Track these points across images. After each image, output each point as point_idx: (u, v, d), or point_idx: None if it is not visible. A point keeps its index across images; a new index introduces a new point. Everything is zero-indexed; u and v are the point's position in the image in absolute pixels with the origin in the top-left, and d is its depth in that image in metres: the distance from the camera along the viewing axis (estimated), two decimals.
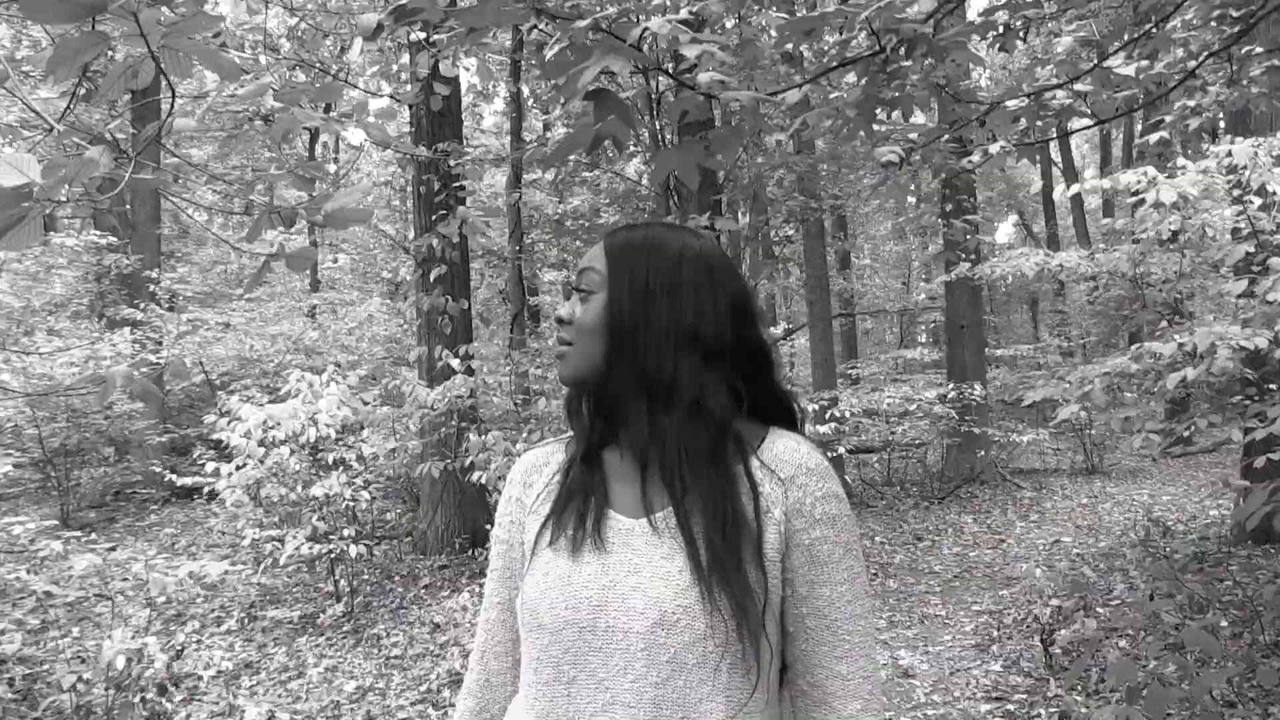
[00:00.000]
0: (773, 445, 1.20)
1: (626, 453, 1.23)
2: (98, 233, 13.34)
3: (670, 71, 1.79)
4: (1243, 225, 5.87)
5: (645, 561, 1.13)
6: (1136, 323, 10.06)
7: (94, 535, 8.11)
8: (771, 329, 20.84)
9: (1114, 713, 2.39)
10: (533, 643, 1.18)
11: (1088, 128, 3.16)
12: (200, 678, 5.20)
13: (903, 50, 1.97)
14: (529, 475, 1.30)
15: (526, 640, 1.20)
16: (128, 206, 14.21)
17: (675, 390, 1.16)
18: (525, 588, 1.20)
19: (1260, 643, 4.53)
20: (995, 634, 5.77)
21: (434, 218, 5.89)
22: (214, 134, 19.21)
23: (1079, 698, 4.47)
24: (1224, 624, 5.07)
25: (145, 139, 1.42)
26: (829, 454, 11.16)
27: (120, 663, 3.96)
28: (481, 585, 7.36)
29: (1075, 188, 6.34)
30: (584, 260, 1.25)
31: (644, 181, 12.16)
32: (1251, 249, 5.49)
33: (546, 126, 14.29)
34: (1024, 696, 4.63)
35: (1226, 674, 2.49)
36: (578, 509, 1.20)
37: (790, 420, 1.27)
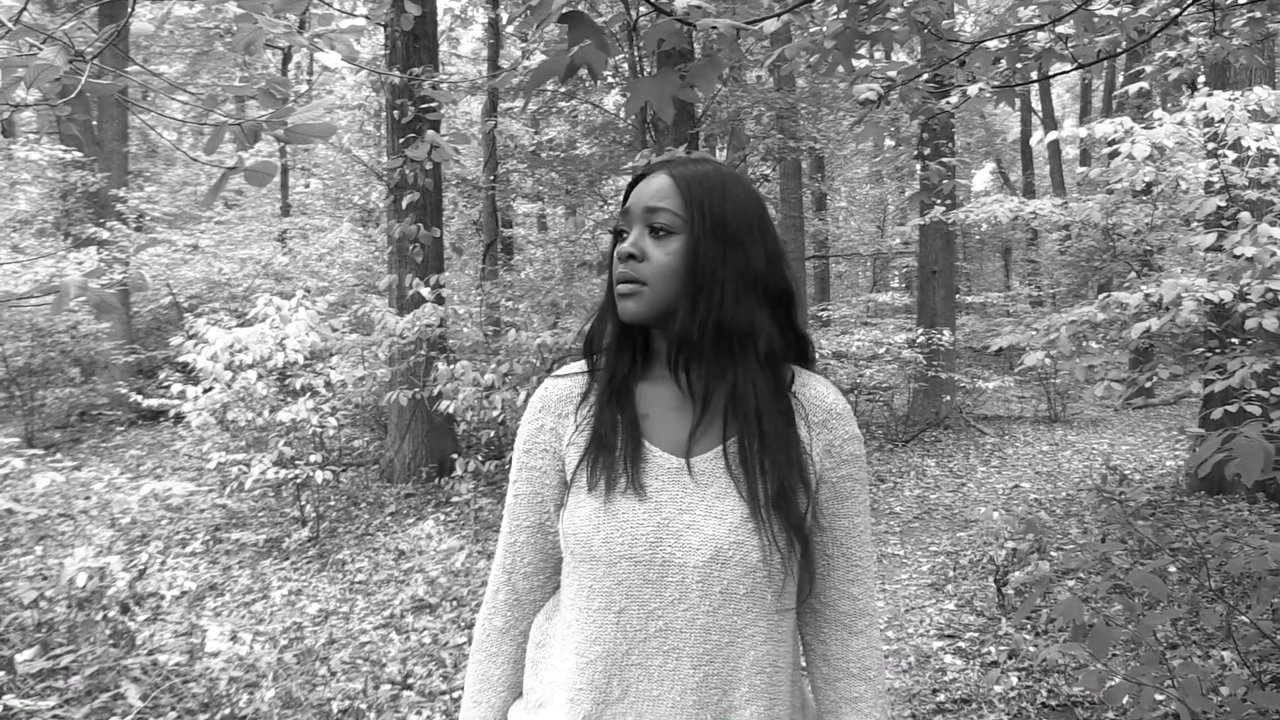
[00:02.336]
0: (805, 388, 1.26)
1: (683, 392, 1.24)
2: (63, 148, 13.04)
3: None
4: (1216, 179, 5.89)
5: (697, 500, 1.19)
6: (1106, 274, 10.15)
7: (59, 455, 8.06)
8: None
9: (1060, 650, 2.45)
10: (585, 573, 1.22)
11: (1067, 71, 3.15)
12: (163, 598, 5.21)
13: None
14: (562, 405, 1.30)
15: (577, 570, 1.23)
16: (94, 122, 13.87)
17: (752, 336, 1.20)
18: (573, 520, 1.23)
19: (1206, 588, 4.66)
20: (951, 574, 5.89)
21: (401, 141, 5.81)
22: (183, 50, 18.75)
23: (1028, 636, 4.59)
24: (1172, 569, 5.20)
25: (104, 40, 1.38)
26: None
27: (81, 580, 3.96)
28: (446, 514, 7.42)
29: (1051, 135, 6.32)
30: (651, 196, 1.22)
31: (622, 114, 12.02)
32: (1223, 203, 5.51)
33: (525, 55, 14.04)
34: (975, 635, 4.74)
35: (1170, 615, 2.56)
36: (623, 446, 1.22)
37: (805, 359, 1.31)
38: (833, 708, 1.28)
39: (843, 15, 2.13)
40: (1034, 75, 3.50)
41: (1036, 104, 23.73)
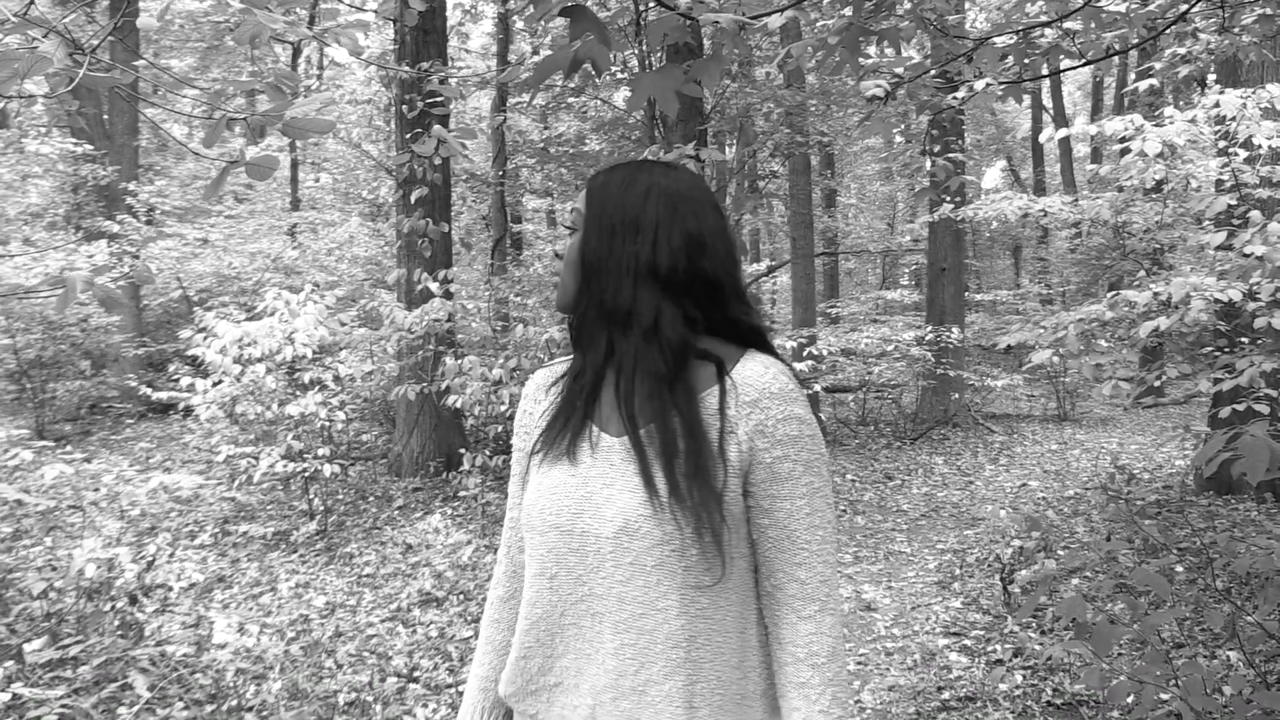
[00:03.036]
0: (744, 368, 1.29)
1: (612, 378, 1.33)
2: (74, 141, 13.09)
3: None
4: (1227, 177, 5.86)
5: (619, 475, 1.25)
6: (1116, 272, 10.10)
7: (69, 447, 8.10)
8: (754, 264, 20.82)
9: (1065, 648, 2.45)
10: (529, 542, 1.33)
11: (1076, 67, 3.13)
12: (171, 589, 5.24)
13: None
14: (538, 392, 1.44)
15: (528, 540, 1.34)
16: (105, 116, 13.92)
17: (632, 318, 1.27)
18: (526, 495, 1.35)
19: (1212, 588, 4.64)
20: (957, 572, 5.88)
21: (407, 136, 5.82)
22: (193, 45, 18.80)
23: (1034, 634, 4.58)
24: (1179, 569, 5.18)
25: (105, 32, 1.39)
26: (805, 391, 11.26)
27: (90, 570, 3.98)
28: (454, 509, 7.44)
29: (1062, 132, 6.30)
30: (574, 201, 1.38)
31: (630, 110, 12.00)
32: (1234, 201, 5.48)
33: (534, 50, 14.03)
34: (981, 633, 4.74)
35: (1174, 614, 2.55)
36: (564, 424, 1.33)
37: (763, 343, 1.35)
38: (783, 691, 1.28)
39: (847, 12, 2.12)
40: (1042, 71, 3.49)
41: (1047, 101, 23.63)
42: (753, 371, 1.28)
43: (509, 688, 1.36)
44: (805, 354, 10.29)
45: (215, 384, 6.99)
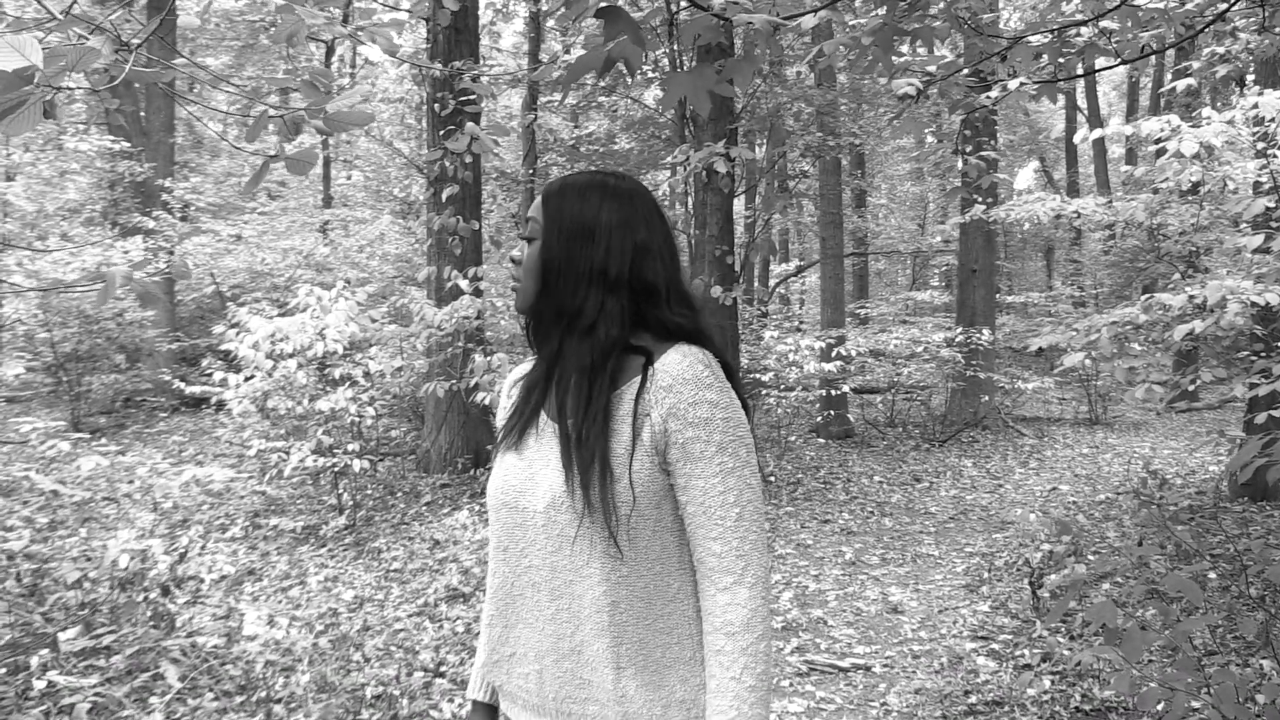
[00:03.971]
0: (665, 358, 1.38)
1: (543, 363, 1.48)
2: (111, 138, 13.26)
3: None
4: (1265, 179, 5.78)
5: (552, 454, 1.40)
6: (1151, 274, 9.99)
7: (104, 440, 8.22)
8: (783, 264, 20.68)
9: (1094, 654, 2.43)
10: (490, 520, 1.48)
11: (1112, 66, 3.10)
12: (203, 581, 5.30)
13: None
14: (511, 388, 1.58)
15: (489, 519, 1.49)
16: (142, 113, 14.10)
17: (579, 317, 1.40)
18: (489, 478, 1.51)
19: (1246, 595, 4.58)
20: (986, 575, 5.84)
21: (440, 133, 5.85)
22: (229, 43, 18.99)
23: (1062, 639, 4.54)
24: (1212, 575, 5.12)
25: (148, 31, 1.41)
26: (834, 391, 11.23)
27: (124, 561, 4.04)
28: (481, 505, 7.47)
29: (1097, 133, 6.23)
30: (530, 210, 1.47)
31: (661, 109, 11.99)
32: (1272, 204, 5.40)
33: (566, 49, 14.06)
34: (1009, 637, 4.70)
35: (1207, 621, 2.52)
36: (519, 416, 1.47)
37: (696, 339, 1.43)
38: (705, 658, 1.38)
39: (881, 11, 2.12)
40: (1077, 70, 3.46)
41: (1082, 101, 23.38)
42: (671, 360, 1.37)
43: (483, 657, 1.51)
44: (834, 354, 10.25)
45: (247, 379, 7.06)
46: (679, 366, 1.36)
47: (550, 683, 1.39)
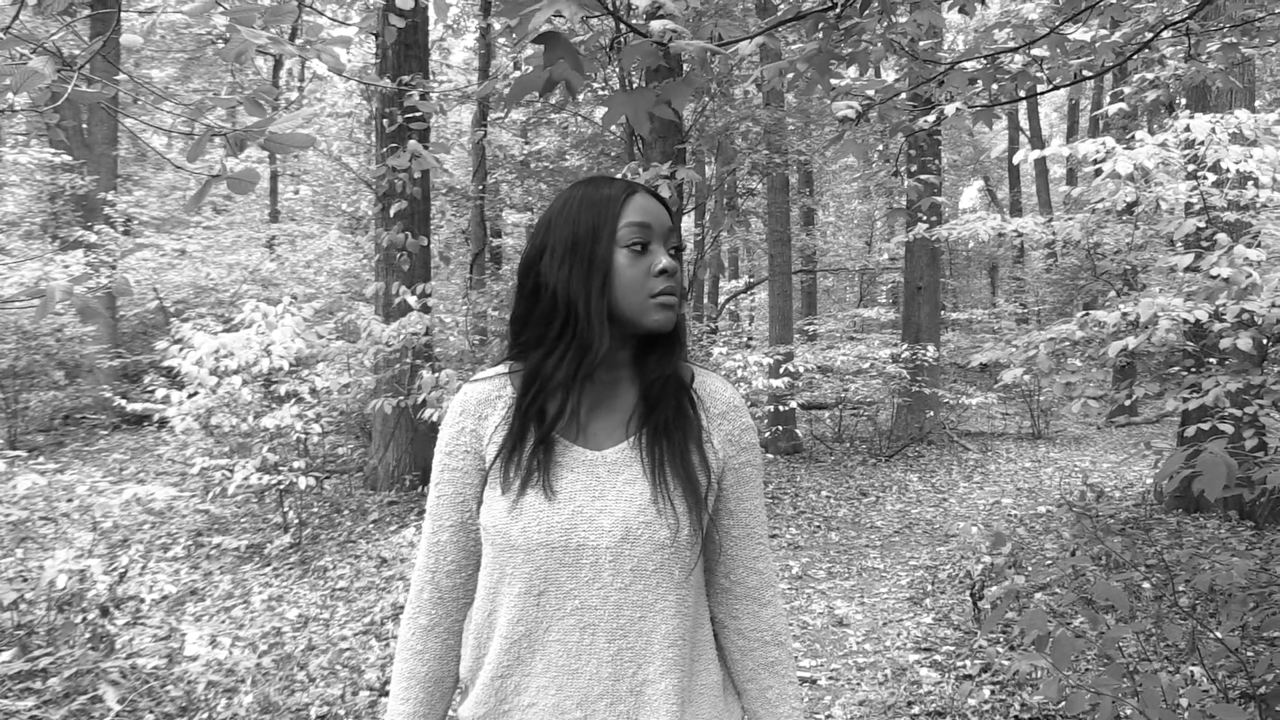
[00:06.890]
0: (704, 384, 1.41)
1: (617, 391, 1.39)
2: (52, 151, 13.02)
3: (624, 18, 1.80)
4: (1196, 200, 5.97)
5: (609, 488, 1.30)
6: (1090, 292, 10.22)
7: (41, 458, 8.04)
8: (732, 281, 20.76)
9: (1025, 659, 2.49)
10: (505, 561, 1.32)
11: (1044, 91, 3.21)
12: (143, 601, 5.21)
13: (857, 4, 1.99)
14: (481, 408, 1.40)
15: (497, 559, 1.33)
16: (84, 126, 13.86)
17: (683, 337, 1.42)
18: (492, 513, 1.33)
19: (1175, 603, 4.71)
20: (929, 588, 5.93)
21: (383, 150, 5.86)
22: (175, 56, 18.74)
23: (1002, 649, 4.63)
24: (1145, 585, 5.25)
25: (91, 51, 1.41)
26: (782, 407, 11.33)
27: (61, 582, 3.96)
28: None
29: (1036, 154, 6.39)
30: (665, 220, 1.39)
31: (612, 127, 12.06)
32: (1202, 224, 5.60)
33: (516, 65, 14.08)
34: (951, 648, 4.78)
35: (1133, 628, 2.61)
36: (537, 443, 1.33)
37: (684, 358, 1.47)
38: (751, 675, 1.41)
39: (817, 37, 2.18)
40: (1013, 95, 3.57)
41: (1025, 122, 23.92)
42: (716, 386, 1.42)
43: (477, 710, 1.35)
44: (782, 370, 10.35)
45: (191, 396, 6.96)
46: (727, 394, 1.42)
47: None
